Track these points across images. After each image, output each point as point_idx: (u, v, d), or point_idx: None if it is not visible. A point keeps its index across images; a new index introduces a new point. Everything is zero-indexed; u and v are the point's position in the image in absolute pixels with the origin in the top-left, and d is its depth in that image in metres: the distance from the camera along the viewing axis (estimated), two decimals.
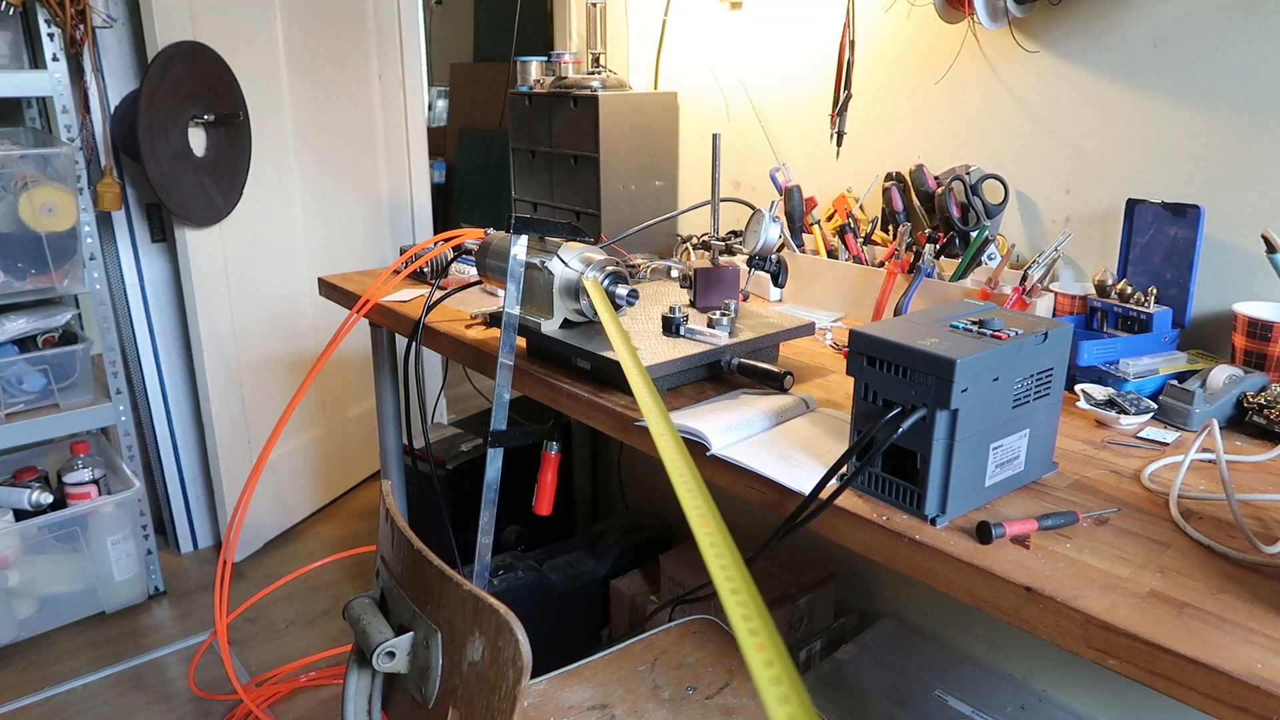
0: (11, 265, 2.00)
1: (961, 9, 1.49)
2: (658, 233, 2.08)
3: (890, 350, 0.91)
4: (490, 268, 1.41)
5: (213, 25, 2.23)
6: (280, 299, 2.59)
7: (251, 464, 2.46)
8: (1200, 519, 0.91)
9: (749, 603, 0.40)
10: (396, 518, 1.02)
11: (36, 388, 2.14)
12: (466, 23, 4.84)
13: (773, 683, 0.37)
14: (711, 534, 0.43)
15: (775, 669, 0.38)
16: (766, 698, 0.37)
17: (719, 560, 0.41)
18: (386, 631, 0.97)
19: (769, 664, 0.38)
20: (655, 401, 0.52)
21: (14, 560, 2.11)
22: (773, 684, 0.37)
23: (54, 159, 2.01)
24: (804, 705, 0.36)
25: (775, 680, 0.38)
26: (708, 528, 0.44)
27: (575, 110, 1.96)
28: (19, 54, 2.16)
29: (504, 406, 1.36)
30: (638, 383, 0.53)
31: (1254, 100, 1.29)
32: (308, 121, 2.58)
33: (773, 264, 1.49)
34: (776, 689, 0.37)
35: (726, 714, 1.22)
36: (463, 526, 2.18)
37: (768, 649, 0.39)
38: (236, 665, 2.12)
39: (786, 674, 0.38)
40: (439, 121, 4.98)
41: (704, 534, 0.43)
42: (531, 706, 1.22)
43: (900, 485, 0.92)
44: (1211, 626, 0.73)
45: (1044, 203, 1.56)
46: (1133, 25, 1.39)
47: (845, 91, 1.71)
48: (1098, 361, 1.24)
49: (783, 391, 1.22)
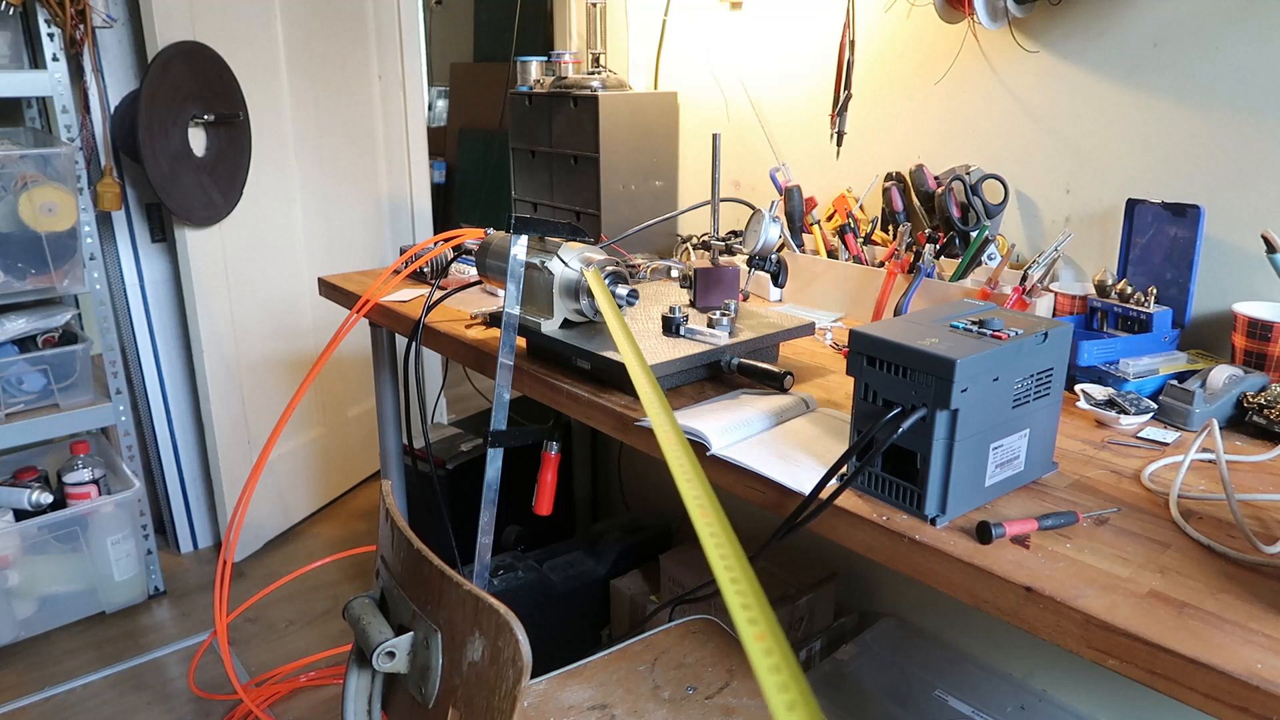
0: (11, 265, 2.00)
1: (961, 9, 1.49)
2: (658, 233, 2.08)
3: (890, 350, 0.91)
4: (490, 268, 1.41)
5: (213, 25, 2.23)
6: (280, 299, 2.60)
7: (251, 464, 2.46)
8: (1200, 519, 0.91)
9: (748, 592, 0.40)
10: (396, 518, 1.02)
11: (36, 388, 2.14)
12: (466, 23, 4.84)
13: (772, 671, 0.37)
14: (711, 524, 0.43)
15: (775, 658, 0.38)
16: (766, 686, 0.38)
17: (719, 550, 0.41)
18: (386, 631, 0.97)
19: (768, 653, 0.38)
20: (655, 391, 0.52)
21: (14, 560, 2.11)
22: (772, 672, 0.37)
23: (54, 159, 2.01)
24: (803, 693, 0.36)
25: (775, 669, 0.38)
26: (707, 518, 0.44)
27: (575, 110, 1.96)
28: (19, 54, 2.15)
29: (504, 406, 1.36)
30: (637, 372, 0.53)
31: (1254, 100, 1.29)
32: (308, 121, 2.58)
33: (773, 264, 1.49)
34: (776, 677, 0.37)
35: (726, 714, 1.22)
36: (463, 526, 2.18)
37: (767, 639, 0.39)
38: (236, 665, 2.12)
39: (786, 663, 0.38)
40: (439, 121, 4.98)
41: (704, 524, 0.43)
42: (531, 706, 1.22)
43: (900, 485, 0.92)
44: (1211, 626, 0.73)
45: (1044, 203, 1.56)
46: (1133, 25, 1.39)
47: (845, 91, 1.71)
48: (1098, 361, 1.24)
49: (783, 391, 1.22)
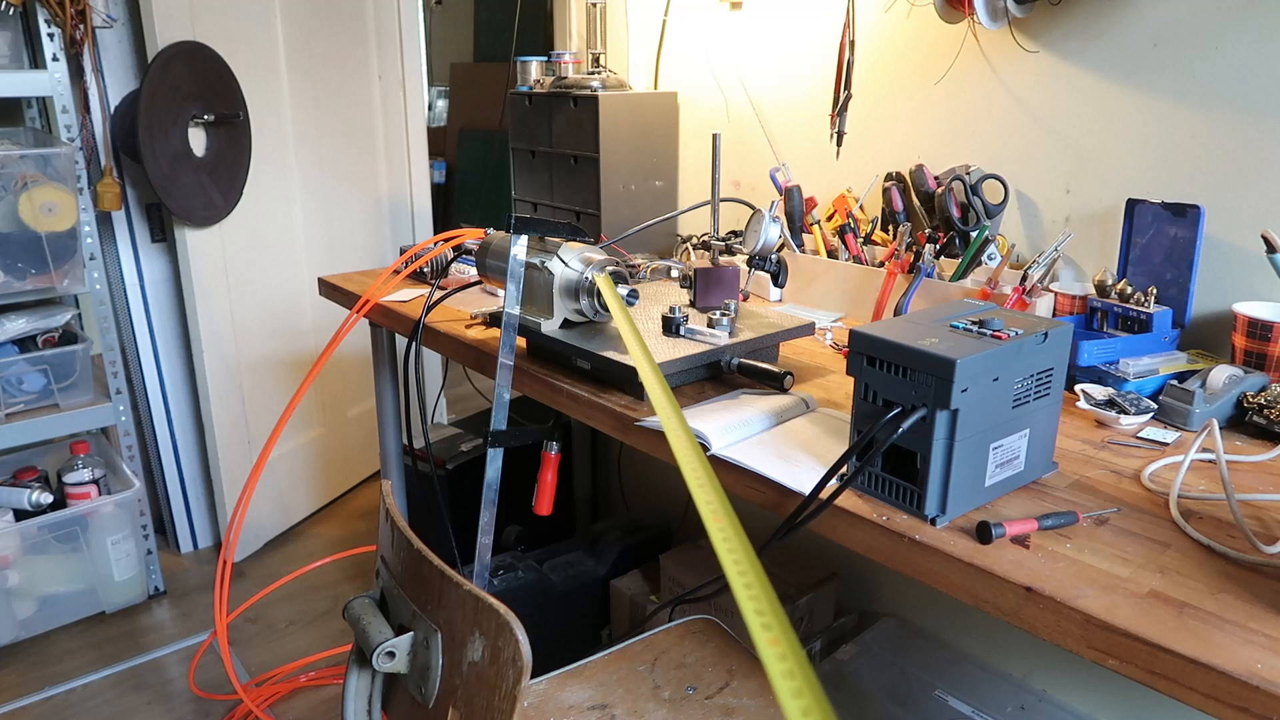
0: (11, 265, 2.00)
1: (961, 9, 1.49)
2: (658, 233, 2.08)
3: (890, 350, 0.91)
4: (490, 268, 1.41)
5: (213, 25, 2.23)
6: (280, 299, 2.59)
7: (251, 464, 2.46)
8: (1200, 519, 0.91)
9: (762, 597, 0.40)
10: (396, 518, 1.02)
11: (36, 388, 2.14)
12: (466, 23, 4.84)
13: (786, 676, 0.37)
14: (724, 529, 0.42)
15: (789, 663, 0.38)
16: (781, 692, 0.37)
17: (732, 555, 0.41)
18: (386, 631, 0.97)
19: (783, 658, 0.38)
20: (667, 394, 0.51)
21: (14, 560, 2.11)
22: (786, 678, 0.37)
23: (54, 159, 2.01)
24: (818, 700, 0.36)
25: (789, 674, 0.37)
26: (720, 522, 0.43)
27: (575, 110, 1.96)
28: (19, 54, 2.15)
29: (504, 406, 1.36)
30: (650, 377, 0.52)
31: (1254, 100, 1.29)
32: (308, 121, 2.58)
33: (773, 264, 1.49)
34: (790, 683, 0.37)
35: (726, 714, 1.22)
36: (463, 526, 2.18)
37: (781, 644, 0.38)
38: (236, 665, 2.12)
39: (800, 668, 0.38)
40: (439, 121, 4.98)
41: (716, 529, 0.42)
42: (531, 706, 1.22)
43: (900, 485, 0.92)
44: (1211, 626, 0.73)
45: (1044, 203, 1.56)
46: (1133, 25, 1.39)
47: (845, 91, 1.71)
48: (1098, 361, 1.24)
49: (783, 391, 1.22)
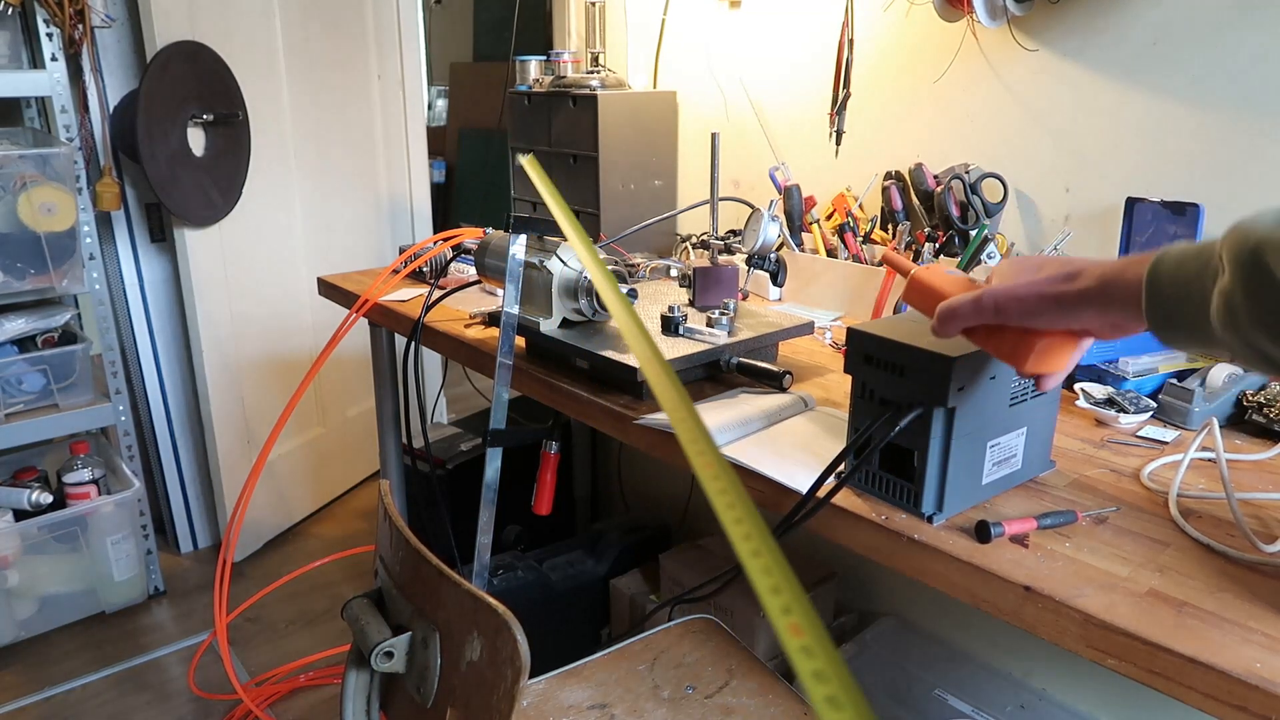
0: (11, 265, 2.00)
1: (961, 7, 1.49)
2: (657, 232, 2.08)
3: (888, 348, 0.91)
4: (489, 267, 1.41)
5: (212, 25, 2.22)
6: (280, 299, 2.59)
7: (251, 464, 2.45)
8: (1199, 518, 0.91)
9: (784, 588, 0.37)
10: (395, 517, 1.02)
11: (36, 388, 2.14)
12: (466, 23, 4.84)
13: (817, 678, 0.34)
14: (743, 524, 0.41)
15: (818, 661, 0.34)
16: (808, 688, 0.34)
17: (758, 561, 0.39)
18: (385, 631, 0.96)
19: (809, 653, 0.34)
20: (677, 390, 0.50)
21: (14, 560, 2.11)
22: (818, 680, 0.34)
23: (53, 159, 2.01)
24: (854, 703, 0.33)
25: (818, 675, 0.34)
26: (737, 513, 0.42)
27: (574, 109, 1.96)
28: (18, 54, 2.15)
29: (503, 406, 1.36)
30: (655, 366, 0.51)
31: (1253, 98, 1.29)
32: (307, 121, 2.58)
33: (772, 263, 1.49)
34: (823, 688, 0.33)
35: (726, 713, 1.22)
36: (462, 526, 2.17)
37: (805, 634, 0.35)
38: (236, 665, 2.12)
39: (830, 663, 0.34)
40: (439, 121, 4.99)
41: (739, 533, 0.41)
42: (530, 706, 1.22)
43: (897, 483, 0.92)
44: (1210, 625, 0.73)
45: (1043, 201, 1.55)
46: (1132, 24, 1.39)
47: (844, 90, 1.71)
48: (1097, 360, 1.24)
49: (782, 390, 1.22)
